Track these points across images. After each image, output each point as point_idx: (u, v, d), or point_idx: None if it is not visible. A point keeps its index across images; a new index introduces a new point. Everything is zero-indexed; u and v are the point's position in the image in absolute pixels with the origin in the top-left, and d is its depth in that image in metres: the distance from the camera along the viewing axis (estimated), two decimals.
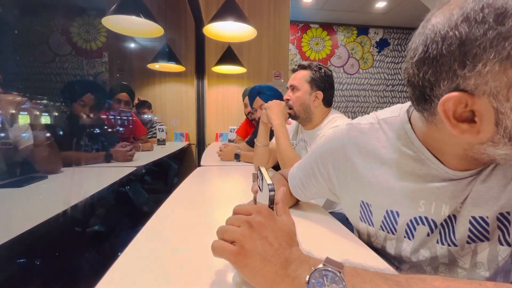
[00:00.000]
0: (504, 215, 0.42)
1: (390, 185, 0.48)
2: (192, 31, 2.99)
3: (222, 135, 3.10)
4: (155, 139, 2.57)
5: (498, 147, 0.35)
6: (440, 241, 0.46)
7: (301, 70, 1.14)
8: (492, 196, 0.42)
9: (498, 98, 0.32)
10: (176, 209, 0.74)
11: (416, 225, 0.47)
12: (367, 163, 0.51)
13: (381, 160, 0.50)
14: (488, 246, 0.44)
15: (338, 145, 0.55)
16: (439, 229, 0.46)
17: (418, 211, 0.47)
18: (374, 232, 0.53)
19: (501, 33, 0.29)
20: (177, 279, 0.40)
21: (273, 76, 3.17)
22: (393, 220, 0.49)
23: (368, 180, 0.51)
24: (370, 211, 0.52)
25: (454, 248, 0.46)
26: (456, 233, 0.45)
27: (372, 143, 0.51)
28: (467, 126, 0.35)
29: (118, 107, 2.07)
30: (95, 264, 1.04)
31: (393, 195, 0.48)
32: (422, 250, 0.48)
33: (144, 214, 1.52)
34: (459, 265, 0.47)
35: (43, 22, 2.31)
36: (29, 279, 0.79)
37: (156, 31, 1.69)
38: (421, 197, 0.46)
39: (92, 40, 3.31)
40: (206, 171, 1.33)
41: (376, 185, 0.50)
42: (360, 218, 0.55)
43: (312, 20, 4.64)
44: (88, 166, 1.42)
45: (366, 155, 0.51)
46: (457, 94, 0.33)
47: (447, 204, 0.45)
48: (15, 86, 1.24)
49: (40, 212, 0.74)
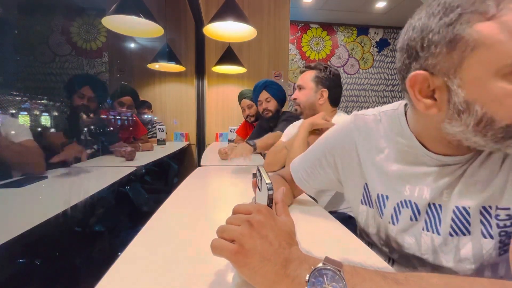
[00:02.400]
0: (486, 209, 0.45)
1: (384, 170, 0.53)
2: (192, 31, 2.99)
3: (222, 135, 3.10)
4: (155, 139, 2.57)
5: (452, 123, 0.41)
6: (426, 228, 0.49)
7: (308, 71, 1.18)
8: (477, 190, 0.45)
9: (449, 77, 0.38)
10: (176, 209, 0.74)
11: (401, 208, 0.51)
12: (368, 150, 0.56)
13: (378, 148, 0.55)
14: (469, 240, 0.46)
15: (345, 133, 0.60)
16: (424, 217, 0.49)
17: (404, 195, 0.51)
18: (373, 214, 0.57)
19: (445, 22, 0.37)
20: (177, 279, 0.40)
21: (273, 76, 3.17)
22: (382, 204, 0.54)
23: (369, 164, 0.56)
24: (369, 192, 0.57)
25: (438, 239, 0.48)
26: (442, 222, 0.47)
27: (373, 133, 0.56)
28: (430, 102, 0.41)
29: (121, 110, 2.07)
30: (95, 264, 1.04)
31: (386, 180, 0.53)
32: (407, 236, 0.51)
33: (144, 214, 1.52)
34: (442, 264, 0.48)
35: (43, 22, 2.31)
36: (29, 279, 0.79)
37: (156, 31, 1.69)
38: (408, 182, 0.51)
39: (92, 40, 3.31)
40: (206, 171, 1.33)
41: (374, 170, 0.55)
42: (361, 201, 0.59)
43: (312, 20, 4.64)
44: (87, 166, 1.42)
45: (368, 142, 0.56)
46: (420, 72, 0.40)
47: (429, 187, 0.48)
48: (15, 86, 1.24)
49: (39, 212, 0.74)
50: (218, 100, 3.16)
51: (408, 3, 3.90)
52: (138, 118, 2.34)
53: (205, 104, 3.10)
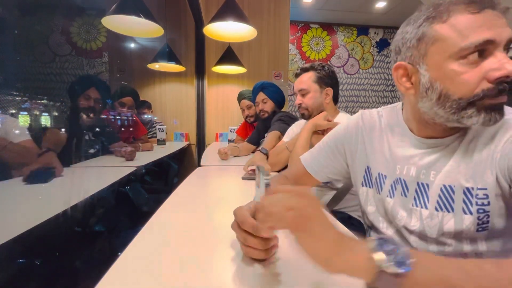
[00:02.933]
0: (469, 190, 0.51)
1: (383, 154, 0.64)
2: (192, 31, 2.99)
3: (222, 135, 3.10)
4: (155, 139, 2.57)
5: (423, 100, 0.52)
6: (415, 203, 0.57)
7: (305, 73, 1.16)
8: (460, 172, 0.52)
9: (419, 64, 0.51)
10: (176, 209, 0.74)
11: (396, 185, 0.60)
12: (371, 139, 0.67)
13: (380, 136, 0.66)
14: (452, 217, 0.53)
15: (353, 126, 0.71)
16: (413, 193, 0.57)
17: (396, 174, 0.60)
18: (372, 193, 0.65)
19: (416, 25, 0.51)
20: (177, 279, 0.40)
21: (273, 76, 3.17)
22: (381, 181, 0.63)
23: (372, 150, 0.66)
24: (370, 173, 0.65)
25: (425, 213, 0.55)
26: (430, 198, 0.55)
27: (375, 125, 0.67)
28: (408, 85, 0.54)
29: (121, 111, 2.07)
30: (95, 264, 1.04)
31: (384, 161, 0.63)
32: (400, 209, 0.59)
33: (144, 214, 1.52)
34: (427, 235, 0.55)
35: (43, 22, 2.31)
36: (29, 279, 0.79)
37: (156, 31, 1.69)
38: (398, 162, 0.60)
39: (92, 40, 3.31)
40: (206, 171, 1.33)
41: (376, 154, 0.65)
42: (362, 183, 0.67)
43: (312, 20, 4.63)
44: (87, 166, 1.42)
45: (372, 132, 0.67)
46: (401, 62, 0.54)
47: (415, 166, 0.57)
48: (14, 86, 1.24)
49: (39, 212, 0.74)
50: (218, 100, 3.16)
51: (408, 3, 3.90)
52: (138, 118, 2.35)
53: (205, 104, 3.10)
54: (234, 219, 0.45)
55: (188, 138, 3.12)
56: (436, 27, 0.48)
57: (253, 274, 0.42)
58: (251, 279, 0.40)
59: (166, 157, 2.12)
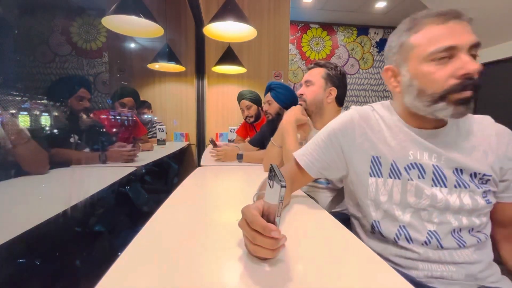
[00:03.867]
0: (476, 173, 0.62)
1: (388, 143, 0.67)
2: (192, 31, 2.99)
3: (222, 135, 3.10)
4: (155, 139, 2.57)
5: (406, 96, 0.64)
6: (434, 184, 0.63)
7: (317, 68, 1.17)
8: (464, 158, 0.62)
9: (401, 66, 0.64)
10: (176, 209, 0.74)
11: (412, 169, 0.64)
12: (372, 128, 0.70)
13: (379, 127, 0.70)
14: (467, 192, 0.62)
15: (346, 119, 0.74)
16: (431, 175, 0.63)
17: (409, 159, 0.65)
18: (382, 182, 0.66)
19: (398, 36, 0.64)
20: (177, 279, 0.40)
21: (273, 76, 3.17)
22: (397, 168, 0.65)
23: (377, 138, 0.68)
24: (380, 162, 0.67)
25: (444, 190, 0.62)
26: (447, 178, 0.62)
27: (370, 117, 0.72)
28: (395, 83, 0.67)
29: (122, 111, 2.07)
30: (95, 264, 1.04)
31: (393, 149, 0.66)
32: (424, 191, 0.62)
33: (144, 214, 1.52)
34: (450, 209, 0.62)
35: (43, 22, 2.31)
36: (29, 279, 0.79)
37: (156, 31, 1.69)
38: (411, 149, 0.65)
39: (92, 40, 3.31)
40: (206, 171, 1.33)
41: (381, 142, 0.68)
42: (370, 174, 0.68)
43: (312, 20, 4.64)
44: (87, 166, 1.42)
45: (368, 124, 0.71)
46: (388, 66, 0.67)
47: (426, 151, 0.64)
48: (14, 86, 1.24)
49: (39, 212, 0.74)
50: (218, 100, 3.16)
51: (408, 3, 3.90)
52: (138, 118, 2.35)
53: (205, 104, 3.10)
54: (241, 217, 0.45)
55: (188, 138, 3.12)
56: (412, 37, 0.61)
57: (254, 273, 0.42)
58: (252, 278, 0.40)
59: (166, 157, 2.12)
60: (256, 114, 2.28)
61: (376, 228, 0.67)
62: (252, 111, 2.27)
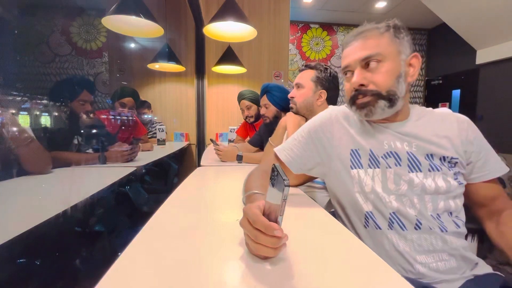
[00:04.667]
0: (445, 158, 0.68)
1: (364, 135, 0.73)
2: (192, 31, 2.99)
3: (222, 135, 3.10)
4: (155, 139, 2.57)
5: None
6: (410, 170, 0.68)
7: (307, 70, 1.17)
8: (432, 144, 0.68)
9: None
10: (176, 209, 0.74)
11: (387, 158, 0.69)
12: (350, 124, 0.76)
13: (355, 122, 0.76)
14: (441, 174, 0.67)
15: (326, 115, 0.80)
16: (406, 162, 0.68)
17: (385, 148, 0.70)
18: (364, 173, 0.70)
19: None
20: (177, 279, 0.40)
21: (273, 76, 3.17)
22: (375, 158, 0.70)
23: (354, 132, 0.74)
24: (359, 154, 0.72)
25: (420, 175, 0.67)
26: (421, 163, 0.67)
27: (349, 114, 0.78)
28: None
29: (122, 111, 2.07)
30: (95, 264, 1.04)
31: (368, 140, 0.72)
32: (400, 180, 0.67)
33: (144, 214, 1.52)
34: (426, 192, 0.66)
35: (43, 22, 2.31)
36: (29, 279, 0.79)
37: (156, 31, 1.69)
38: (385, 139, 0.71)
39: (92, 40, 3.31)
40: (206, 171, 1.33)
41: (358, 135, 0.73)
42: (351, 166, 0.72)
43: (312, 20, 4.64)
44: (87, 166, 1.42)
45: (346, 120, 0.77)
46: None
47: (399, 141, 0.70)
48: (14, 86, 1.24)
49: (38, 212, 0.74)
50: (218, 100, 3.16)
51: (408, 3, 3.91)
52: (138, 118, 2.35)
53: (205, 104, 3.10)
54: (243, 217, 0.46)
55: (188, 138, 3.12)
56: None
57: (254, 273, 0.42)
58: (253, 278, 0.40)
59: (166, 157, 2.12)
60: (256, 114, 2.27)
61: (370, 219, 0.68)
62: (252, 111, 2.27)
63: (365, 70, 0.67)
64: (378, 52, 0.65)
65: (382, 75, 0.66)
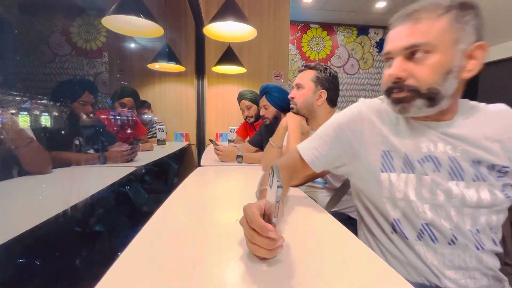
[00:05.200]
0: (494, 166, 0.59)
1: (400, 135, 0.64)
2: (192, 31, 2.99)
3: (222, 135, 3.10)
4: (155, 139, 2.57)
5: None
6: (451, 178, 0.59)
7: (307, 70, 1.17)
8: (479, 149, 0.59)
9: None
10: (176, 209, 0.74)
11: (424, 163, 0.61)
12: (383, 121, 0.66)
13: (390, 119, 0.66)
14: (486, 186, 0.58)
15: (354, 111, 0.70)
16: (447, 169, 0.59)
17: (422, 152, 0.61)
18: (396, 178, 0.62)
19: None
20: (177, 279, 0.40)
21: (273, 76, 3.17)
22: (409, 161, 0.62)
23: (388, 131, 0.65)
24: (391, 156, 0.64)
25: (461, 184, 0.59)
26: (465, 171, 0.59)
27: (381, 109, 0.68)
28: None
29: (122, 111, 2.07)
30: (95, 264, 1.04)
31: (405, 142, 0.63)
32: (437, 189, 0.59)
33: (144, 214, 1.52)
34: (466, 205, 0.58)
35: (43, 22, 2.31)
36: (29, 279, 0.79)
37: (156, 31, 1.69)
38: (423, 141, 0.62)
39: (92, 40, 3.31)
40: (206, 171, 1.33)
41: (392, 134, 0.64)
42: (382, 169, 0.64)
43: (312, 20, 4.64)
44: (87, 166, 1.42)
45: (380, 116, 0.67)
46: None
47: (442, 142, 0.61)
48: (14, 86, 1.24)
49: (38, 212, 0.74)
50: (218, 100, 3.16)
51: (408, 3, 3.90)
52: (138, 118, 2.35)
53: (205, 104, 3.10)
54: (243, 215, 0.45)
55: (188, 138, 3.12)
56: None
57: (254, 273, 0.42)
58: (252, 278, 0.40)
59: (166, 157, 2.12)
60: (256, 114, 2.27)
61: (397, 227, 0.62)
62: (252, 111, 2.27)
63: (408, 61, 0.56)
64: (427, 41, 0.54)
65: (426, 69, 0.55)
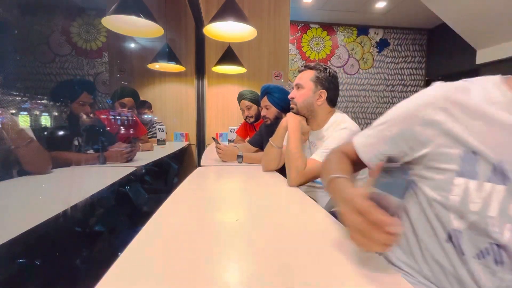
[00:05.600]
0: None
1: (493, 133, 0.47)
2: (192, 31, 2.99)
3: (222, 135, 3.10)
4: (155, 139, 2.57)
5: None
6: None
7: (307, 70, 1.18)
8: None
9: None
10: (176, 209, 0.74)
11: None
12: (469, 112, 0.50)
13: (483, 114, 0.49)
14: None
15: (426, 102, 0.54)
16: None
17: None
18: (476, 187, 0.49)
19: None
20: (177, 279, 0.40)
21: (273, 76, 3.18)
22: (500, 170, 0.47)
23: (476, 127, 0.49)
24: (476, 160, 0.49)
25: None
26: None
27: (471, 100, 0.50)
28: None
29: (122, 111, 2.08)
30: (95, 264, 1.04)
31: (501, 144, 0.47)
32: None
33: (144, 214, 1.51)
34: None
35: (43, 22, 2.31)
36: (29, 279, 0.79)
37: (156, 31, 1.69)
38: None
39: (92, 40, 3.31)
40: (206, 171, 1.33)
41: (482, 132, 0.48)
42: (458, 173, 0.50)
43: (312, 20, 4.64)
44: (87, 166, 1.42)
45: (467, 108, 0.50)
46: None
47: None
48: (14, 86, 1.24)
49: (38, 212, 0.74)
50: (218, 100, 3.16)
51: (408, 3, 3.91)
52: (138, 118, 2.35)
53: (205, 104, 3.10)
54: (345, 206, 0.42)
55: (188, 138, 3.12)
56: None
57: (254, 273, 0.42)
58: (252, 278, 0.40)
59: (166, 157, 2.12)
60: (256, 114, 2.27)
61: (455, 239, 0.52)
62: (252, 111, 2.27)
63: None
64: None
65: None
